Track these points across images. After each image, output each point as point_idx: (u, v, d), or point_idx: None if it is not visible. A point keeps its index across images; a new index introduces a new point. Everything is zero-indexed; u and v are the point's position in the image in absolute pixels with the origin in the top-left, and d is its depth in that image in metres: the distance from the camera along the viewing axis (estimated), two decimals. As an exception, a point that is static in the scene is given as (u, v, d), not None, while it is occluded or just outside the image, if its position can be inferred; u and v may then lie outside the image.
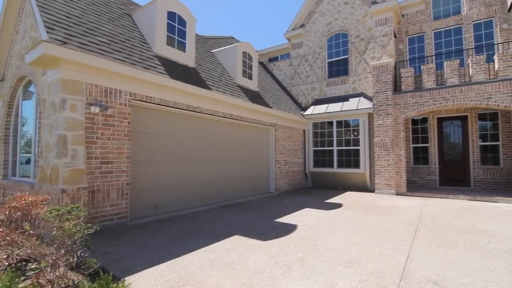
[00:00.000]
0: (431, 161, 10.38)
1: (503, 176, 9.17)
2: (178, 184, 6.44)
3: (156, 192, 5.97)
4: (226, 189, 7.78)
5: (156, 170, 5.96)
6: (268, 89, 11.00)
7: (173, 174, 6.32)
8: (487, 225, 5.27)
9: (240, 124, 8.32)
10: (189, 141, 6.70)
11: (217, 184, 7.46)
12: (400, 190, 9.14)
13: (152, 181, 5.89)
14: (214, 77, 7.75)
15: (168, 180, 6.20)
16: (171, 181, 6.27)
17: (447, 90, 8.49)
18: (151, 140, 5.87)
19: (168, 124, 6.22)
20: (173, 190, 6.31)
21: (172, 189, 6.30)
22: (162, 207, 6.07)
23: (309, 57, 12.21)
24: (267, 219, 5.82)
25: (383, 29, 10.47)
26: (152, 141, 5.90)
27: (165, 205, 6.13)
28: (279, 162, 9.84)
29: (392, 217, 5.99)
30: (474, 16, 9.84)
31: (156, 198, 5.97)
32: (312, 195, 9.24)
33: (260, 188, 9.25)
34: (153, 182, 5.91)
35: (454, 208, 6.88)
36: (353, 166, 10.23)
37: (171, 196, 6.28)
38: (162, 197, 6.08)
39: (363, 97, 10.57)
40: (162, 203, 6.09)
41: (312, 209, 6.87)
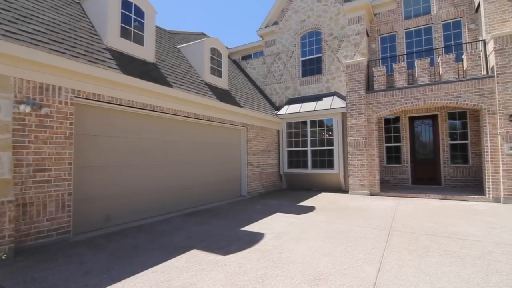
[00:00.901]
0: (403, 160, 10.38)
1: (472, 174, 9.29)
2: (136, 191, 5.81)
3: (108, 201, 5.32)
4: (193, 195, 7.23)
5: (108, 177, 5.32)
6: (239, 87, 10.54)
7: (129, 181, 5.70)
8: (459, 227, 5.12)
9: (208, 125, 7.80)
10: (149, 143, 6.09)
11: (182, 190, 6.89)
12: (373, 190, 9.00)
13: (103, 189, 5.24)
14: (178, 74, 7.18)
15: (123, 187, 5.57)
16: (126, 189, 5.64)
17: (418, 89, 8.44)
18: (101, 143, 5.22)
19: (122, 125, 5.59)
20: (129, 199, 5.68)
21: (128, 197, 5.67)
22: (115, 218, 5.43)
23: (282, 55, 11.88)
24: (233, 227, 5.35)
25: (355, 28, 10.33)
26: (103, 144, 5.25)
27: (119, 216, 5.49)
28: (252, 164, 9.41)
29: (364, 221, 5.72)
30: (443, 16, 9.93)
31: (108, 209, 5.32)
32: (285, 197, 8.89)
33: (232, 192, 8.77)
34: (104, 191, 5.26)
35: (426, 208, 6.76)
36: (327, 167, 10.00)
37: (127, 205, 5.65)
38: (115, 207, 5.44)
39: (336, 97, 10.38)
40: (116, 213, 5.45)
41: (284, 213, 6.48)
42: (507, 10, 7.93)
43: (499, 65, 7.38)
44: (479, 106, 7.70)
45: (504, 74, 7.32)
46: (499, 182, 7.31)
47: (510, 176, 7.13)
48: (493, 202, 7.33)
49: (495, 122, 7.43)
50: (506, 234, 4.63)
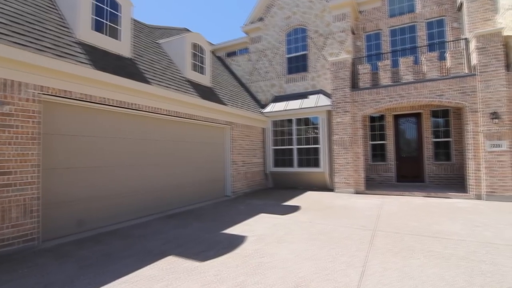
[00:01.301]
0: (388, 158, 10.41)
1: (455, 172, 9.41)
2: (112, 194, 5.51)
3: (82, 205, 5.01)
4: (175, 196, 6.97)
5: (81, 179, 4.99)
6: (224, 85, 10.28)
7: (105, 183, 5.38)
8: (443, 226, 5.09)
9: (190, 123, 7.52)
10: (126, 143, 5.78)
11: (163, 191, 6.62)
12: (359, 188, 8.97)
13: (75, 192, 4.91)
14: (157, 70, 6.87)
15: (98, 190, 5.26)
16: (102, 191, 5.32)
17: (403, 87, 8.43)
18: (73, 144, 4.89)
19: (96, 124, 5.26)
20: (105, 202, 5.37)
21: (104, 200, 5.36)
22: (89, 222, 5.11)
23: (268, 52, 11.69)
24: (214, 230, 5.14)
25: (341, 25, 10.25)
26: (75, 144, 4.92)
27: (94, 220, 5.18)
28: (236, 163, 9.20)
29: (349, 220, 5.63)
30: (427, 14, 9.97)
31: (81, 213, 5.00)
32: (270, 197, 8.73)
33: (215, 192, 8.54)
34: (77, 194, 4.94)
35: (410, 207, 6.75)
36: (313, 165, 9.91)
37: (103, 208, 5.34)
38: (89, 211, 5.12)
39: (322, 94, 10.28)
40: (90, 218, 5.13)
41: (267, 214, 6.32)
42: (488, 9, 8.00)
43: (481, 64, 7.44)
44: (461, 104, 7.75)
45: (486, 72, 7.38)
46: (480, 180, 7.39)
47: (491, 173, 7.21)
48: (475, 199, 7.41)
49: (477, 120, 7.49)
50: (488, 233, 4.62)
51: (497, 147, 7.20)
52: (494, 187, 7.18)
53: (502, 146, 7.14)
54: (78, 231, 4.94)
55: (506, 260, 3.50)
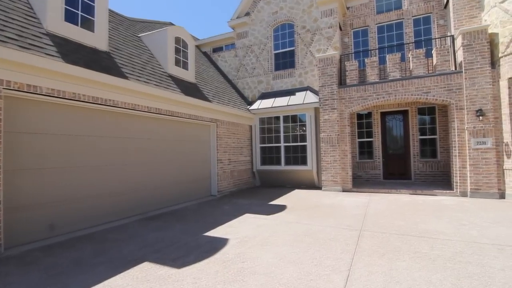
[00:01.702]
0: (375, 155, 10.38)
1: (441, 169, 9.45)
2: (88, 195, 5.19)
3: (53, 208, 4.68)
4: (157, 197, 6.68)
5: (52, 181, 4.66)
6: (209, 81, 9.99)
7: (80, 184, 5.06)
8: (429, 224, 5.02)
9: (172, 121, 7.23)
10: (102, 142, 5.46)
11: (144, 191, 6.32)
12: (346, 186, 8.89)
13: (46, 194, 4.58)
14: (136, 65, 6.54)
15: (71, 192, 4.93)
16: (76, 193, 5.00)
17: (390, 84, 8.37)
18: (41, 143, 4.55)
19: (68, 121, 4.92)
20: (79, 204, 5.05)
21: (78, 202, 5.04)
22: (62, 226, 4.79)
23: (255, 48, 11.45)
24: (196, 232, 4.91)
25: (328, 21, 10.10)
26: (43, 143, 4.58)
27: (67, 224, 4.86)
28: (222, 162, 8.96)
29: (335, 220, 5.49)
30: (414, 11, 9.94)
31: (53, 216, 4.68)
32: (257, 196, 8.55)
33: (201, 192, 8.29)
34: (47, 196, 4.61)
35: (397, 205, 6.69)
36: (301, 163, 9.78)
37: (77, 211, 5.02)
38: (62, 214, 4.80)
39: (309, 91, 10.14)
40: (63, 221, 4.81)
41: (253, 214, 6.12)
42: (474, 6, 7.99)
43: (467, 61, 7.43)
44: (447, 101, 7.74)
45: (472, 69, 7.37)
46: (466, 177, 7.40)
47: (476, 170, 7.23)
48: (460, 196, 7.42)
49: (463, 117, 7.49)
50: (474, 231, 4.56)
51: (482, 144, 7.22)
52: (479, 184, 7.20)
53: (487, 144, 7.16)
54: (49, 236, 4.62)
55: (492, 261, 3.42)
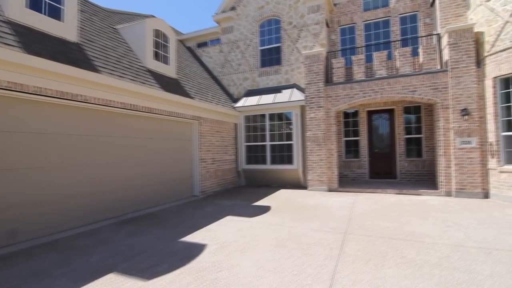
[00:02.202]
0: (361, 154, 10.29)
1: (426, 168, 9.44)
2: (55, 199, 4.78)
3: (14, 212, 4.26)
4: (135, 198, 6.31)
5: (11, 183, 4.24)
6: (192, 76, 9.61)
7: (45, 186, 4.65)
8: (415, 226, 4.88)
9: (151, 118, 6.85)
10: (70, 140, 5.05)
11: (119, 193, 5.94)
12: (332, 186, 8.74)
13: (5, 197, 4.16)
14: (111, 58, 6.12)
15: (36, 194, 4.52)
16: (41, 196, 4.59)
17: (376, 82, 8.24)
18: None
19: (31, 118, 4.50)
20: (44, 208, 4.64)
21: (43, 206, 4.63)
22: (24, 232, 4.38)
23: (240, 43, 11.12)
24: (172, 237, 4.59)
25: (315, 17, 9.89)
26: (2, 142, 4.15)
27: (30, 230, 4.45)
28: (205, 161, 8.63)
29: (320, 222, 5.29)
30: (400, 9, 9.85)
31: (14, 221, 4.26)
32: (241, 196, 8.27)
33: (182, 192, 7.94)
34: (7, 199, 4.19)
35: (383, 205, 6.56)
36: (287, 162, 9.57)
37: (42, 215, 4.61)
38: (25, 219, 4.39)
39: (296, 89, 9.92)
40: (25, 227, 4.40)
41: (235, 217, 5.85)
42: (460, 4, 7.95)
43: (453, 60, 7.37)
44: (433, 100, 7.67)
45: (457, 68, 7.32)
46: (451, 176, 7.36)
47: (461, 170, 7.19)
48: (445, 196, 7.38)
49: (448, 116, 7.44)
50: (460, 233, 4.45)
51: (467, 143, 7.19)
52: (464, 183, 7.18)
53: (471, 143, 7.13)
54: (8, 244, 4.21)
55: (480, 267, 3.27)
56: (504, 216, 5.37)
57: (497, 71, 6.69)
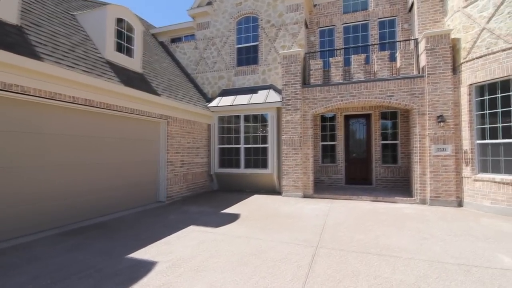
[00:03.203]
0: (338, 159, 10.04)
1: (401, 174, 9.32)
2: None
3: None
4: (86, 205, 5.59)
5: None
6: (162, 72, 8.96)
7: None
8: (391, 238, 4.56)
9: (110, 115, 6.16)
10: (7, 138, 4.30)
11: (67, 199, 5.22)
12: (307, 192, 8.38)
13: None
14: (61, 45, 5.39)
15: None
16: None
17: (354, 85, 7.99)
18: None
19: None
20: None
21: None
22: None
23: (216, 40, 10.59)
24: (120, 253, 3.97)
25: (294, 16, 9.56)
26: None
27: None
28: (173, 164, 7.99)
29: (291, 233, 4.86)
30: (380, 13, 9.74)
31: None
32: (211, 202, 7.71)
33: (146, 197, 7.27)
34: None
35: (358, 214, 6.25)
36: (261, 166, 9.11)
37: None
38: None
39: (272, 90, 9.52)
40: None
41: (199, 227, 5.29)
42: (438, 10, 7.88)
43: (430, 65, 7.24)
44: (410, 106, 7.52)
45: (434, 74, 7.20)
46: (426, 184, 7.21)
47: (436, 177, 7.05)
48: (420, 204, 7.22)
49: (424, 123, 7.30)
50: (437, 247, 4.16)
51: (442, 151, 7.06)
52: (439, 191, 7.03)
53: (446, 150, 7.01)
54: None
55: (460, 287, 2.95)
56: (479, 227, 5.19)
57: (473, 78, 6.61)
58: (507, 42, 5.94)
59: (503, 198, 5.98)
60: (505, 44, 5.96)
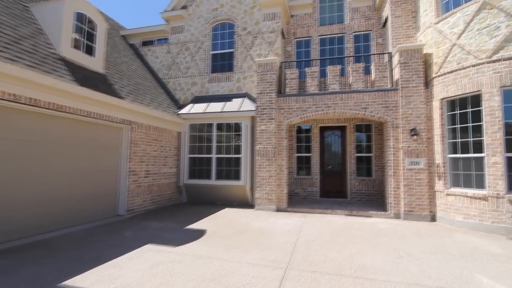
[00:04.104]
0: (313, 172, 9.79)
1: (375, 188, 9.21)
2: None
3: None
4: (29, 220, 4.82)
5: None
6: (129, 75, 8.35)
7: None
8: (366, 257, 4.23)
9: (62, 118, 5.48)
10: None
11: (4, 213, 4.44)
12: (281, 205, 7.99)
13: None
14: (4, 37, 4.72)
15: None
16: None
17: (329, 96, 7.85)
18: None
19: None
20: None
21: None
22: None
23: (190, 45, 10.17)
24: (51, 280, 3.31)
25: (271, 25, 9.40)
26: None
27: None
28: (136, 174, 7.33)
29: (260, 253, 4.40)
30: (355, 27, 9.83)
31: None
32: (177, 217, 7.10)
33: (103, 211, 6.52)
34: None
35: (332, 229, 5.92)
36: (234, 178, 8.64)
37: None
38: None
39: (247, 98, 9.19)
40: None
41: (157, 246, 4.70)
42: (411, 26, 8.01)
43: (403, 79, 7.25)
44: (384, 118, 7.45)
45: (407, 87, 7.20)
46: (400, 198, 7.07)
47: (410, 191, 6.93)
48: (394, 219, 7.04)
49: (398, 136, 7.23)
50: (414, 267, 3.87)
51: (415, 164, 6.99)
52: (412, 205, 6.91)
53: (420, 164, 6.95)
54: None
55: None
56: (454, 243, 5.02)
57: (445, 93, 6.65)
58: (477, 57, 6.02)
59: (475, 213, 5.92)
60: (475, 59, 6.04)
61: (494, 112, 5.72)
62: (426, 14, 7.41)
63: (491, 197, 5.66)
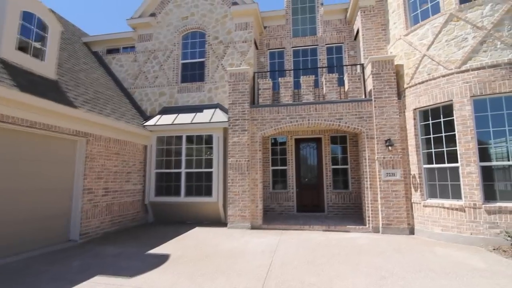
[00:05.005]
0: (289, 185, 9.42)
1: (352, 200, 8.98)
2: None
3: None
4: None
5: None
6: (87, 83, 7.63)
7: None
8: (347, 280, 3.82)
9: (2, 129, 4.70)
10: None
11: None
12: (255, 222, 7.47)
13: None
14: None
15: None
16: None
17: (303, 107, 7.61)
18: None
19: None
20: None
21: None
22: None
23: (159, 54, 9.65)
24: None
25: (243, 34, 9.16)
26: None
27: None
28: (93, 192, 6.53)
29: (228, 280, 3.85)
30: (327, 39, 9.85)
31: None
32: (139, 239, 6.34)
33: (51, 236, 5.65)
34: None
35: (310, 248, 5.49)
36: (205, 194, 8.04)
37: None
38: None
39: (219, 109, 8.75)
40: None
41: (108, 277, 3.99)
42: (381, 38, 8.09)
43: (376, 89, 7.19)
44: (359, 129, 7.30)
45: (381, 98, 7.14)
46: (378, 211, 6.84)
47: (387, 204, 6.73)
48: (373, 233, 6.77)
49: (373, 147, 7.09)
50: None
51: (391, 176, 6.83)
52: (390, 218, 6.69)
53: (396, 175, 6.80)
54: None
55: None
56: (436, 258, 4.76)
57: (417, 103, 6.62)
58: (446, 68, 6.06)
59: (453, 225, 5.77)
60: (445, 70, 6.08)
61: (466, 122, 5.70)
62: (396, 27, 7.51)
63: (468, 208, 5.55)
